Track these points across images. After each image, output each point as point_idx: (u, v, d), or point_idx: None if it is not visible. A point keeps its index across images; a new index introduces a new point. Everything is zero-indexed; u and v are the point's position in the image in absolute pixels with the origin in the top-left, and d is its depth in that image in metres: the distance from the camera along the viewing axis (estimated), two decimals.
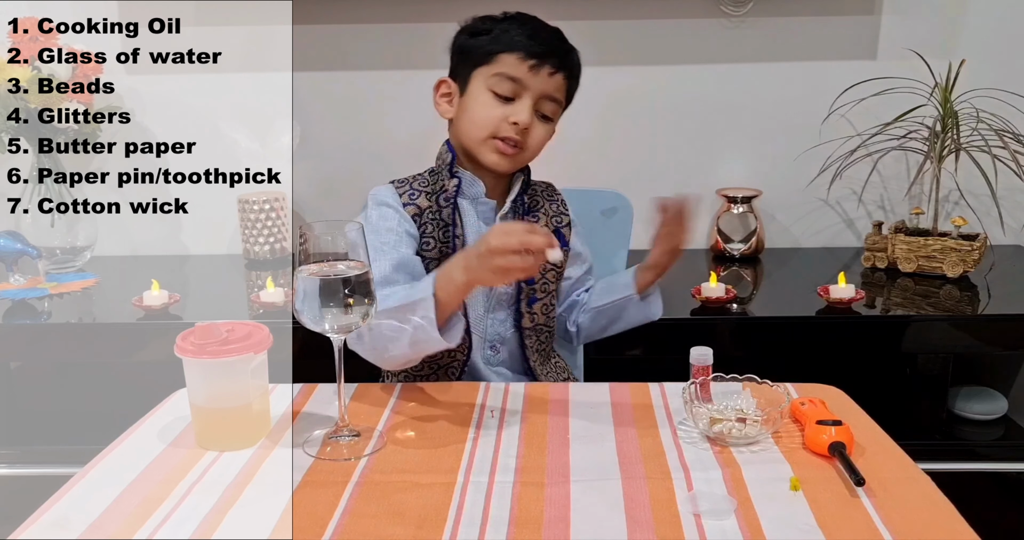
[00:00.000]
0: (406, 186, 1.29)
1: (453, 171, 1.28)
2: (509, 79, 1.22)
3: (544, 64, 1.22)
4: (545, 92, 1.24)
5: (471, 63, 1.25)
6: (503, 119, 1.22)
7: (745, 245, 2.03)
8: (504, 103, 1.23)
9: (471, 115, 1.25)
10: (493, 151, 1.24)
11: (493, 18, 1.28)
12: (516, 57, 1.22)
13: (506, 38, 1.23)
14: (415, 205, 1.26)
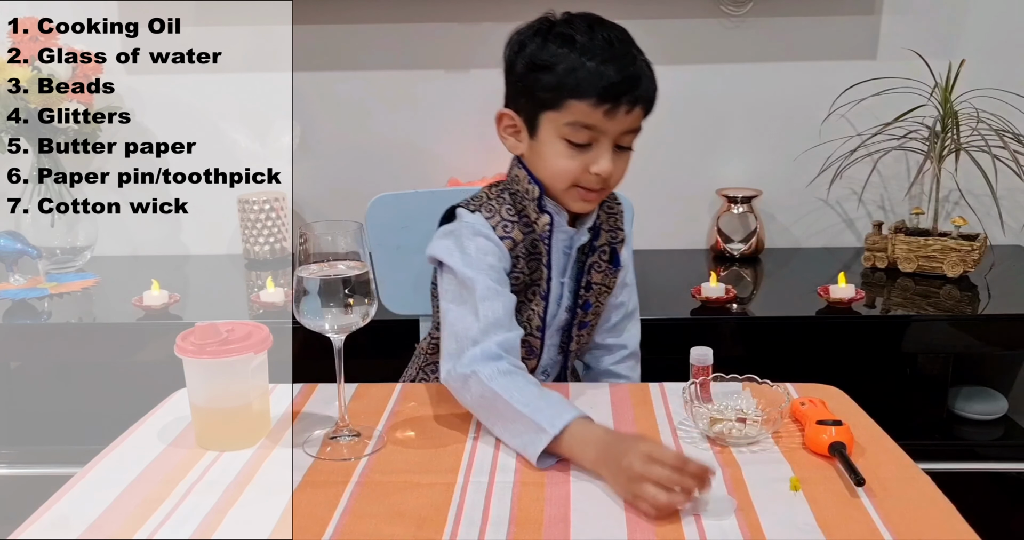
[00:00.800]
0: (495, 216, 1.17)
1: (542, 205, 1.17)
2: (584, 127, 1.10)
3: (618, 107, 1.10)
4: (624, 129, 1.12)
5: (537, 104, 1.13)
6: (583, 169, 1.12)
7: (745, 245, 2.03)
8: (581, 150, 1.12)
9: (548, 164, 1.14)
10: (577, 199, 1.16)
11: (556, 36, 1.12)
12: (588, 105, 1.09)
13: (572, 82, 1.09)
14: (511, 238, 1.16)
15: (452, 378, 1.06)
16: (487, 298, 1.09)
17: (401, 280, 1.47)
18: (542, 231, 1.18)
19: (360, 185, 2.07)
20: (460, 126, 2.10)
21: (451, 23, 2.04)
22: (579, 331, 1.28)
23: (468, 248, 1.13)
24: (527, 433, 0.98)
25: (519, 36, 1.16)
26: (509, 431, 1.00)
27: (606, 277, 1.26)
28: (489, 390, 1.02)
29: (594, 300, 1.26)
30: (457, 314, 1.10)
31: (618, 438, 0.96)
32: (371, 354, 1.49)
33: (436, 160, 2.11)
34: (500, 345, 1.06)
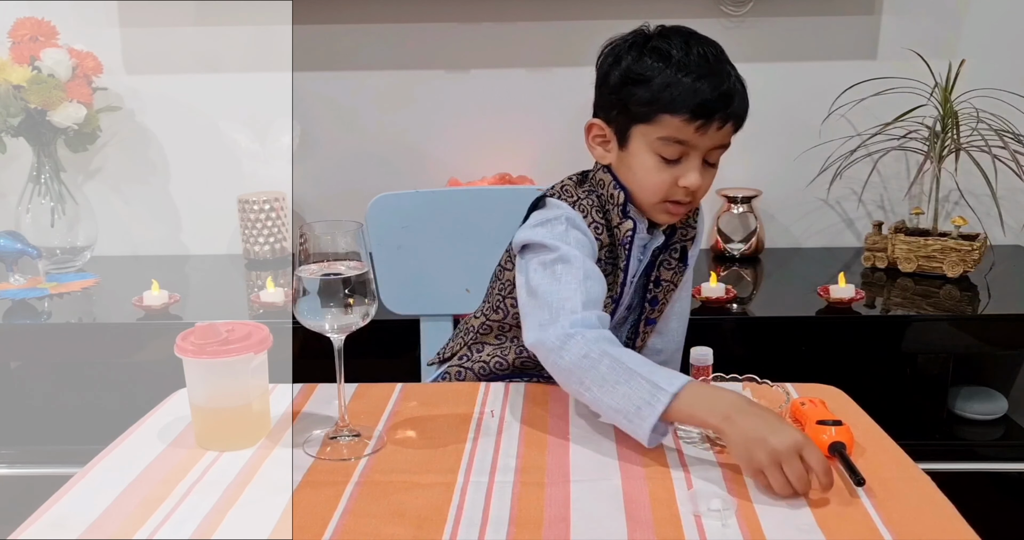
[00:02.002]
0: (588, 215, 1.18)
1: (626, 212, 1.18)
2: (676, 142, 1.12)
3: (710, 123, 1.11)
4: (714, 145, 1.14)
5: (629, 116, 1.14)
6: (672, 183, 1.13)
7: (745, 245, 2.03)
8: (671, 164, 1.13)
9: (637, 177, 1.15)
10: (664, 213, 1.17)
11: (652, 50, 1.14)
12: (681, 120, 1.10)
13: (667, 97, 1.10)
14: (600, 240, 1.17)
15: (548, 338, 1.03)
16: (591, 277, 1.10)
17: (401, 280, 1.47)
18: (623, 237, 1.18)
19: (360, 185, 2.07)
20: (460, 126, 2.10)
21: (451, 23, 2.04)
22: (645, 327, 1.29)
23: (568, 237, 1.13)
24: (639, 394, 0.95)
25: (614, 48, 1.18)
26: (615, 394, 0.97)
27: (675, 275, 1.28)
28: (597, 349, 1.00)
29: (662, 296, 1.28)
30: (553, 287, 1.08)
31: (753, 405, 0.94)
32: (371, 354, 1.49)
33: (436, 160, 2.11)
34: (600, 320, 1.06)
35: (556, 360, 1.03)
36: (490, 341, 1.28)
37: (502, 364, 1.26)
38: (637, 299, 1.27)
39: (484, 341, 1.29)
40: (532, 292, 1.10)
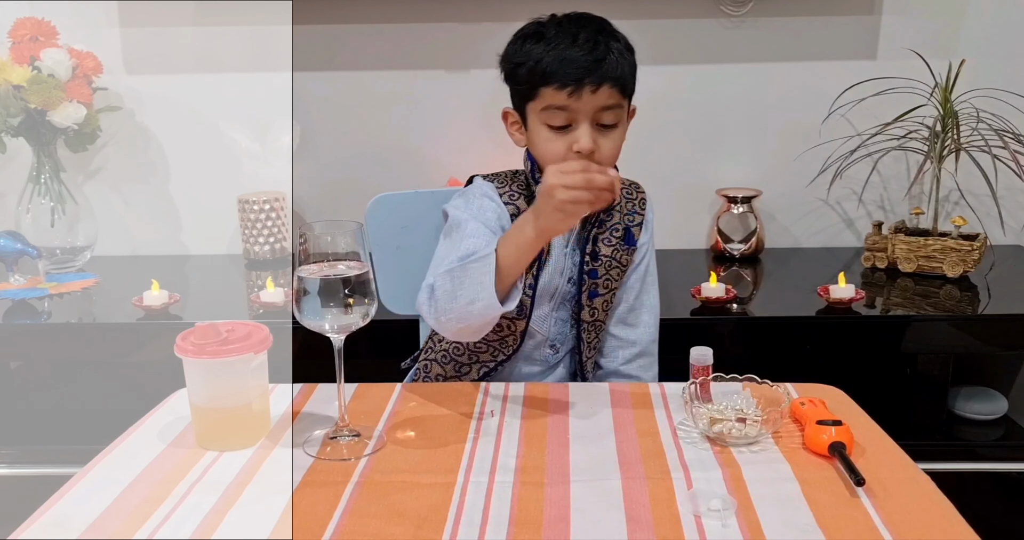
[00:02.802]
0: (506, 186, 1.30)
1: (535, 177, 1.28)
2: (557, 109, 1.20)
3: (582, 87, 1.18)
4: (597, 107, 1.20)
5: (520, 97, 1.25)
6: (567, 149, 1.21)
7: (745, 245, 2.03)
8: (563, 132, 1.21)
9: (539, 150, 1.25)
10: None
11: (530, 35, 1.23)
12: (553, 89, 1.19)
13: (540, 69, 1.19)
14: (515, 205, 1.28)
15: (421, 297, 1.14)
16: (472, 236, 1.19)
17: (401, 280, 1.47)
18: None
19: (360, 185, 2.07)
20: (460, 126, 2.10)
21: (451, 23, 2.04)
22: (590, 300, 1.31)
23: (472, 204, 1.26)
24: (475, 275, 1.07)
25: (510, 43, 1.27)
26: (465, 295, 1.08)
27: (617, 252, 1.32)
28: (439, 278, 1.11)
29: (603, 271, 1.31)
30: (441, 251, 1.22)
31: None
32: (371, 354, 1.49)
33: (436, 160, 2.11)
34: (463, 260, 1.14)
35: (435, 315, 1.13)
36: None
37: (459, 349, 1.32)
38: (577, 272, 1.31)
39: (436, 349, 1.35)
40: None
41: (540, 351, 1.33)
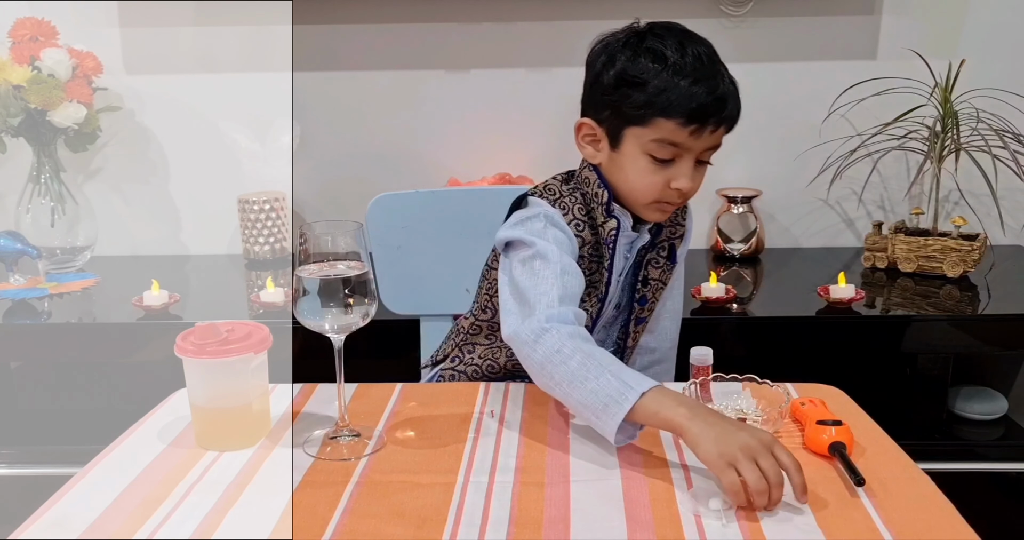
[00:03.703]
0: (569, 213, 1.18)
1: (610, 210, 1.18)
2: (670, 145, 1.11)
3: (706, 127, 1.11)
4: (707, 146, 1.14)
5: (623, 118, 1.13)
6: (665, 185, 1.14)
7: (745, 245, 2.03)
8: (664, 166, 1.13)
9: (629, 179, 1.15)
10: (656, 212, 1.18)
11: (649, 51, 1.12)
12: (676, 124, 1.10)
13: (663, 101, 1.09)
14: (581, 237, 1.18)
15: (523, 331, 1.04)
16: (568, 273, 1.10)
17: (401, 280, 1.47)
18: (607, 236, 1.18)
19: (360, 185, 2.07)
20: (460, 126, 2.10)
21: (451, 23, 2.04)
22: (636, 327, 1.29)
23: (547, 234, 1.14)
24: (607, 391, 0.94)
25: (607, 47, 1.16)
26: (584, 390, 0.96)
27: (663, 273, 1.28)
28: (569, 345, 1.00)
29: (651, 296, 1.28)
30: (531, 282, 1.09)
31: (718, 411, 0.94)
32: (371, 354, 1.49)
33: (436, 160, 2.11)
34: (576, 316, 1.06)
35: (529, 353, 1.03)
36: (480, 341, 1.29)
37: (494, 367, 1.27)
38: (626, 298, 1.27)
39: (474, 342, 1.30)
40: (511, 288, 1.12)
41: None
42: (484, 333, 1.28)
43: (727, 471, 0.85)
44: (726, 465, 0.86)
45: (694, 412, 0.91)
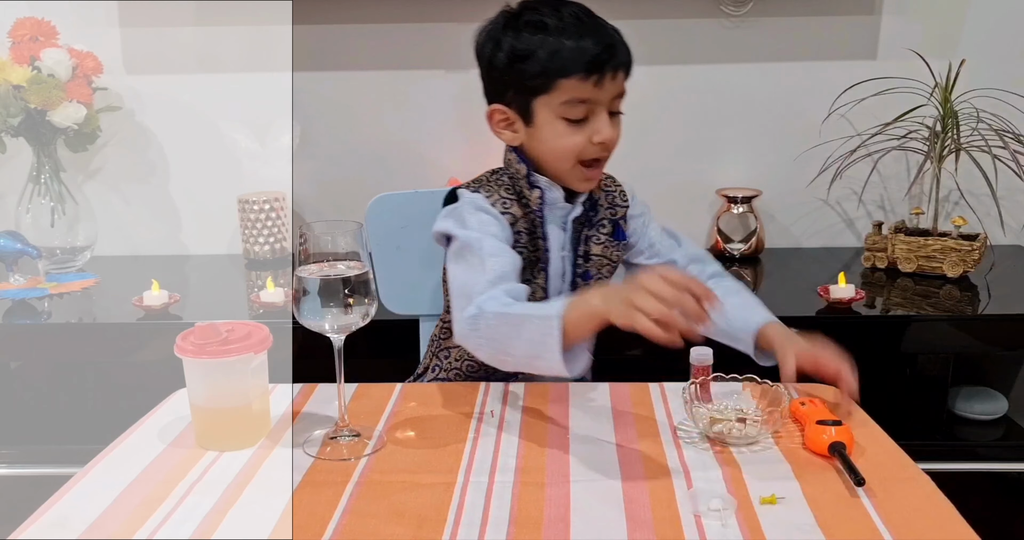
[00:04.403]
0: (494, 194, 1.23)
1: (532, 181, 1.22)
2: (579, 102, 1.15)
3: (605, 75, 1.15)
4: (613, 95, 1.18)
5: (527, 92, 1.17)
6: (586, 142, 1.17)
7: (745, 245, 2.03)
8: (580, 125, 1.17)
9: (551, 146, 1.19)
10: (581, 178, 1.21)
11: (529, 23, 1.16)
12: (577, 80, 1.14)
13: (558, 63, 1.14)
14: (510, 213, 1.22)
15: (461, 329, 1.07)
16: (494, 255, 1.13)
17: (401, 280, 1.47)
18: (535, 205, 1.22)
19: (360, 185, 2.07)
20: (460, 126, 2.10)
21: (451, 23, 2.04)
22: None
23: (470, 221, 1.18)
24: (536, 331, 0.98)
25: (489, 33, 1.21)
26: (519, 344, 1.00)
27: (607, 249, 1.30)
28: (491, 316, 1.03)
29: (595, 271, 1.30)
30: (465, 275, 1.13)
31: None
32: (371, 354, 1.49)
33: (436, 160, 2.11)
34: (508, 293, 1.08)
35: (476, 348, 1.06)
36: (452, 344, 1.30)
37: (472, 366, 1.28)
38: (571, 273, 1.29)
39: (448, 346, 1.31)
40: (452, 285, 1.16)
41: None
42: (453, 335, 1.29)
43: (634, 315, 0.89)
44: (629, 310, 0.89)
45: (603, 294, 0.96)
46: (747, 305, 1.27)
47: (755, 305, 1.27)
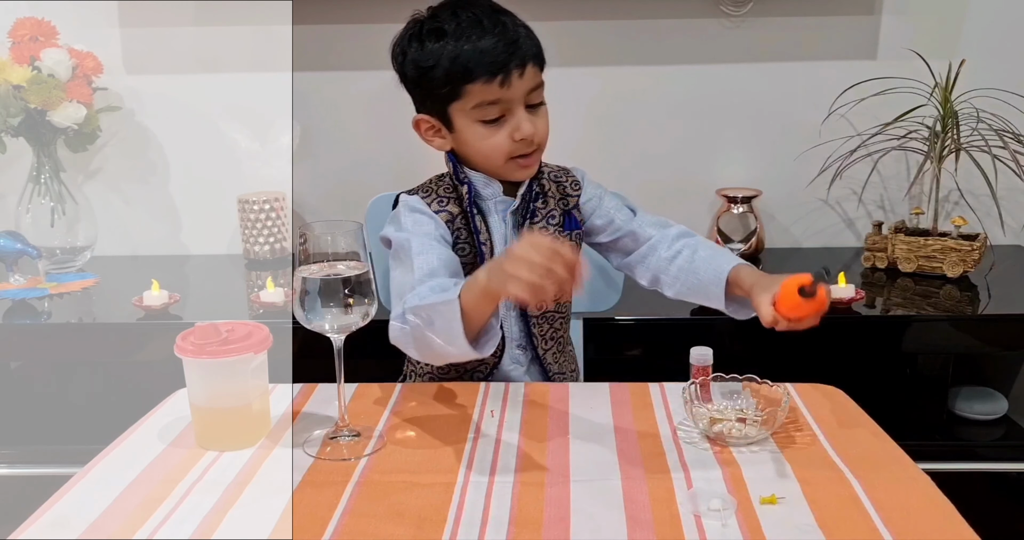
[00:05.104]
0: (431, 194, 1.25)
1: (460, 177, 1.23)
2: (489, 104, 1.16)
3: (509, 74, 1.14)
4: (526, 90, 1.17)
5: (439, 101, 1.18)
6: (509, 140, 1.17)
7: (745, 245, 2.03)
8: (499, 124, 1.17)
9: (475, 149, 1.20)
10: (516, 169, 1.21)
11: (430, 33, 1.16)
12: (482, 83, 1.14)
13: (459, 68, 1.13)
14: (447, 211, 1.23)
15: (392, 328, 1.09)
16: (421, 252, 1.14)
17: None
18: (465, 201, 1.23)
19: (360, 185, 2.07)
20: None
21: None
22: None
23: (405, 223, 1.20)
24: (443, 319, 1.00)
25: (398, 46, 1.22)
26: (437, 338, 1.02)
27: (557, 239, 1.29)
28: (411, 311, 1.05)
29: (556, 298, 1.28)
30: (398, 277, 1.16)
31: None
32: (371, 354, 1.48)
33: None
34: (433, 290, 1.08)
35: (403, 345, 1.09)
36: None
37: (444, 368, 1.30)
38: None
39: None
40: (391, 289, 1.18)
41: (510, 353, 1.29)
42: None
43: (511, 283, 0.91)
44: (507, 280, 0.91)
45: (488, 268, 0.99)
46: (715, 256, 1.23)
47: (723, 253, 1.24)
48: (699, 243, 1.27)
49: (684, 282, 1.25)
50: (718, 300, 1.20)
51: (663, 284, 1.28)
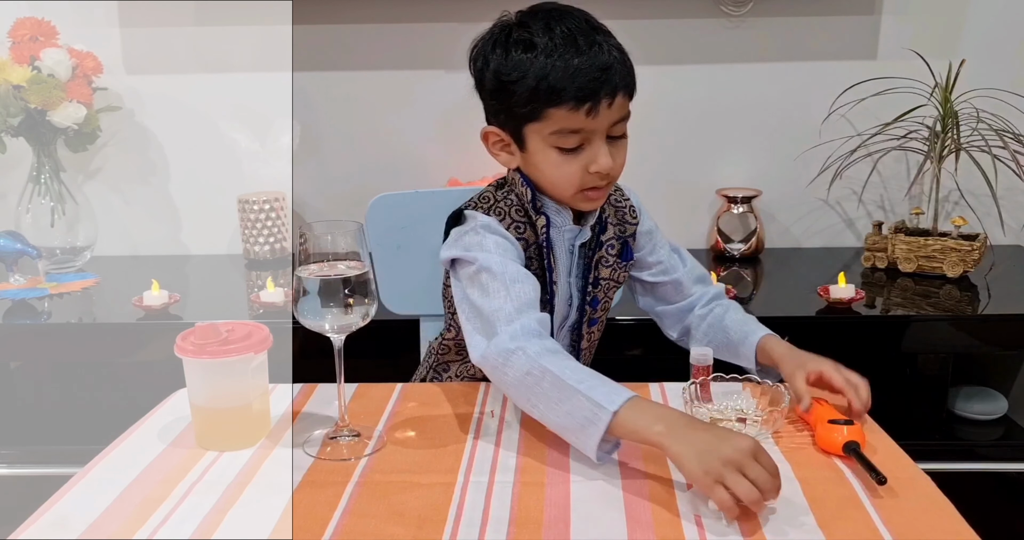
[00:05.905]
0: (506, 217, 1.14)
1: (537, 207, 1.14)
2: (571, 132, 1.07)
3: (600, 101, 1.05)
4: (612, 122, 1.08)
5: (517, 118, 1.09)
6: (583, 172, 1.09)
7: (745, 245, 2.03)
8: (575, 153, 1.08)
9: (546, 175, 1.11)
10: (584, 200, 1.13)
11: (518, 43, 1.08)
12: (567, 109, 1.05)
13: (545, 89, 1.04)
14: (524, 239, 1.14)
15: (492, 354, 1.00)
16: (517, 281, 1.05)
17: (401, 280, 1.47)
18: (541, 232, 1.16)
19: (360, 185, 2.07)
20: (460, 126, 2.09)
21: (451, 23, 2.04)
22: (589, 328, 1.27)
23: (487, 245, 1.10)
24: (581, 413, 0.92)
25: (480, 51, 1.13)
26: (559, 412, 0.94)
27: (614, 272, 1.24)
28: (538, 366, 0.96)
29: (602, 296, 1.25)
30: (484, 300, 1.05)
31: (695, 420, 0.92)
32: (371, 354, 1.48)
33: (436, 160, 2.11)
34: (539, 323, 1.03)
35: (501, 378, 1.00)
36: (452, 359, 1.29)
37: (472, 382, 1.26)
38: (579, 299, 1.23)
39: (447, 361, 1.30)
40: (468, 308, 1.08)
41: None
42: (454, 351, 1.28)
43: (716, 489, 0.83)
44: (713, 483, 0.83)
45: (671, 427, 0.89)
46: (747, 320, 1.25)
47: (753, 321, 1.26)
48: (730, 306, 1.29)
49: (712, 339, 1.26)
50: (748, 360, 1.21)
51: (693, 338, 1.29)
